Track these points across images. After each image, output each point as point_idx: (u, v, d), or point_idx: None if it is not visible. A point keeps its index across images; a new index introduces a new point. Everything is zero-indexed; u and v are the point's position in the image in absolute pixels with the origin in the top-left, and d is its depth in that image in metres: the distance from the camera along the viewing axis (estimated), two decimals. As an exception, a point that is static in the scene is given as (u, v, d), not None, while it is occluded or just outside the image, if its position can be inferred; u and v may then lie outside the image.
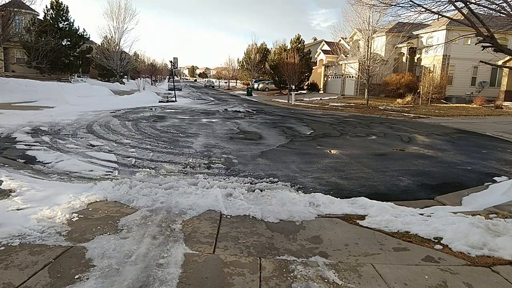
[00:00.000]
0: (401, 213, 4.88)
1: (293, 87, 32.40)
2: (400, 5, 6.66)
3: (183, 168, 7.34)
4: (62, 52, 31.30)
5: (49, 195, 4.86)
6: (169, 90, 40.42)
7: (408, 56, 32.79)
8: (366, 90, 25.59)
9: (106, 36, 39.46)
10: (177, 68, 38.53)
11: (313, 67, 44.56)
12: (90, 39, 38.07)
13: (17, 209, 4.30)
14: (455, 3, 5.77)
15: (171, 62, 31.80)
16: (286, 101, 30.13)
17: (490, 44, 5.57)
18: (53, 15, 32.71)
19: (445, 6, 5.98)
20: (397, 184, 6.85)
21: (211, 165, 7.65)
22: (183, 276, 3.11)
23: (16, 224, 3.86)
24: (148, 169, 7.05)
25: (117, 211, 4.60)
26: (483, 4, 5.70)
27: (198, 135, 11.63)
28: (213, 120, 16.19)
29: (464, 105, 26.47)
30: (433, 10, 6.16)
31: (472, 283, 3.20)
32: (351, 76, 33.56)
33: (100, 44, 40.74)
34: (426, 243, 4.01)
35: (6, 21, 19.70)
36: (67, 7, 33.48)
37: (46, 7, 32.83)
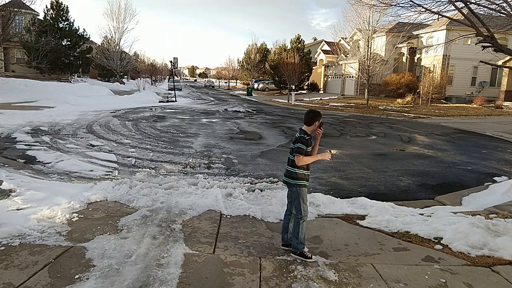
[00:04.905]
0: (401, 213, 4.89)
1: (293, 87, 32.37)
2: (400, 5, 6.66)
3: (183, 168, 7.34)
4: (62, 52, 31.26)
5: (49, 195, 4.86)
6: (169, 90, 40.42)
7: (408, 56, 32.77)
8: (366, 90, 25.58)
9: (106, 36, 39.55)
10: (177, 68, 38.58)
11: (313, 67, 44.51)
12: (90, 39, 38.02)
13: (17, 209, 4.31)
14: (455, 3, 5.77)
15: (171, 62, 31.81)
16: (286, 101, 30.13)
17: (490, 44, 5.58)
18: (53, 15, 32.66)
19: (445, 6, 5.98)
20: (397, 184, 6.85)
21: (211, 165, 7.65)
22: (183, 276, 3.11)
23: (16, 224, 3.86)
24: (148, 169, 7.05)
25: (117, 211, 4.60)
26: (483, 4, 5.70)
27: (198, 135, 11.63)
28: (213, 120, 16.19)
29: (464, 105, 26.45)
30: (433, 10, 6.16)
31: (472, 283, 3.20)
32: (351, 76, 33.54)
33: (100, 44, 40.75)
34: (426, 243, 4.01)
35: (6, 21, 19.67)
36: (67, 7, 33.46)
37: (46, 7, 32.81)
